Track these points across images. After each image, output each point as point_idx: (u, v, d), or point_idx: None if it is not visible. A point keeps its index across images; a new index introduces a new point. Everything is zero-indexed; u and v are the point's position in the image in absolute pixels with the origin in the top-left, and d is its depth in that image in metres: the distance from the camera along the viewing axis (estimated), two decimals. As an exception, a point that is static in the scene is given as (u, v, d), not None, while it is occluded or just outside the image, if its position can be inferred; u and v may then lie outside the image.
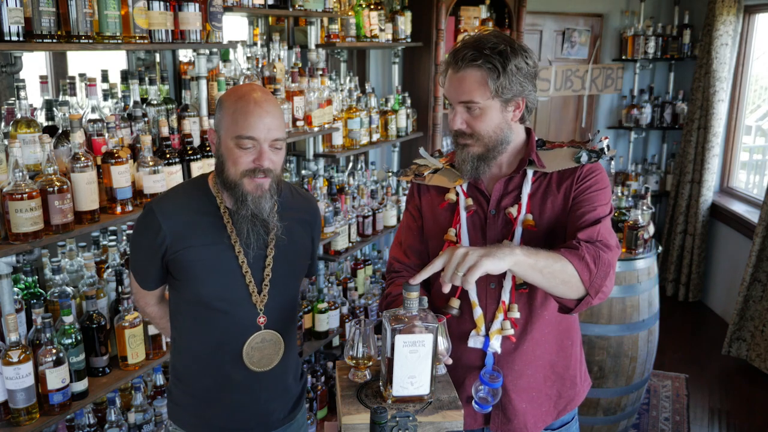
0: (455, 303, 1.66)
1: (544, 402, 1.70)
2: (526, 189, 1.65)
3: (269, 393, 1.75)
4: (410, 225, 1.82)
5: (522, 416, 1.67)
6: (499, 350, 1.64)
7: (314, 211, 1.86)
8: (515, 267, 1.42)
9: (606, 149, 1.68)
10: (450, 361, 1.52)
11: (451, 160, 1.78)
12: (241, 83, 2.85)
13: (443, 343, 1.48)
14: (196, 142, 2.45)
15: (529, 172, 1.66)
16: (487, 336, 1.64)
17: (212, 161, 2.45)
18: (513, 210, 1.64)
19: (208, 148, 2.45)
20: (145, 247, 1.65)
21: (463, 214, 1.69)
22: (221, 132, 1.58)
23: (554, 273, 1.45)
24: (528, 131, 1.72)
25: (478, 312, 1.64)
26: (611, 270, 1.52)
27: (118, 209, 2.09)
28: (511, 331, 1.63)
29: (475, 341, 1.65)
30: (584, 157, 1.64)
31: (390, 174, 4.23)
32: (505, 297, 1.63)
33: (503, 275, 1.63)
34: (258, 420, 1.75)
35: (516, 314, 1.63)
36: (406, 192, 4.15)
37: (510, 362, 1.66)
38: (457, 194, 1.71)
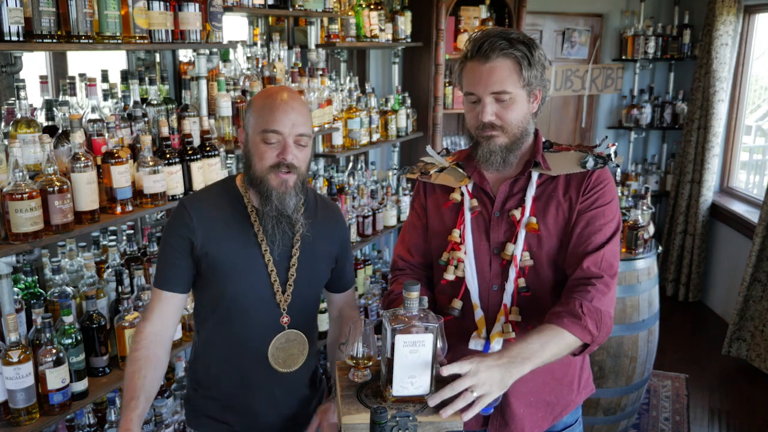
0: (457, 304, 1.66)
1: (542, 407, 1.69)
2: (531, 192, 1.63)
3: (292, 397, 1.76)
4: (415, 223, 1.81)
5: (520, 420, 1.66)
6: None
7: (339, 219, 1.86)
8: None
9: (613, 155, 1.67)
10: (445, 362, 1.51)
11: (459, 159, 1.76)
12: (241, 83, 2.85)
13: (438, 343, 1.48)
14: (196, 142, 2.45)
15: (534, 175, 1.64)
16: (488, 339, 1.62)
17: (212, 161, 2.46)
18: (516, 213, 1.63)
19: (208, 148, 2.45)
20: (177, 240, 1.64)
21: (468, 215, 1.67)
22: (249, 130, 1.63)
23: (560, 354, 1.50)
24: (535, 132, 1.70)
25: (479, 314, 1.63)
26: (612, 321, 1.55)
27: (118, 209, 2.09)
28: (512, 335, 1.60)
29: (476, 344, 1.63)
30: (590, 162, 1.62)
31: (395, 170, 4.23)
32: (507, 300, 1.62)
33: (506, 278, 1.63)
34: (281, 424, 1.76)
35: (517, 317, 1.61)
36: (406, 192, 4.16)
37: None
38: (462, 194, 1.70)
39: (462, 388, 1.34)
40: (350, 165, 4.10)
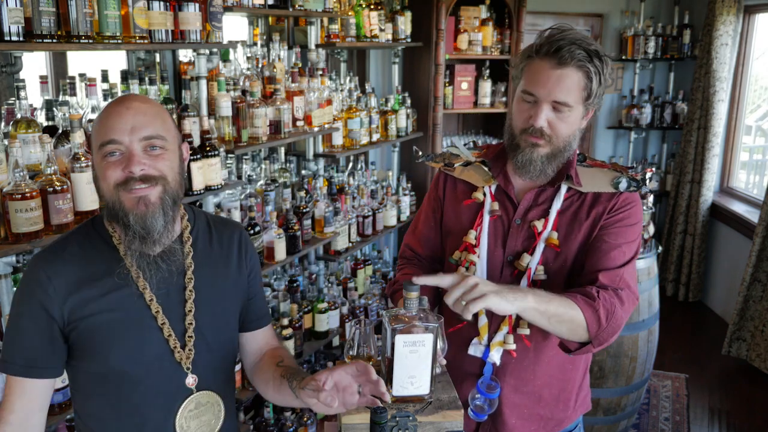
0: None
1: (535, 421, 1.67)
2: (557, 205, 1.58)
3: None
4: (428, 214, 1.76)
5: (510, 431, 1.65)
6: (498, 362, 1.60)
7: (242, 239, 1.53)
8: (523, 313, 1.40)
9: (647, 181, 1.64)
10: (444, 362, 1.50)
11: (486, 156, 1.69)
12: (241, 83, 2.85)
13: (438, 343, 1.48)
14: (196, 142, 2.45)
15: (563, 188, 1.59)
16: (488, 346, 1.60)
17: (212, 161, 2.46)
18: (539, 224, 1.57)
19: (208, 148, 2.45)
20: (33, 316, 1.30)
21: (486, 218, 1.62)
22: (93, 155, 1.34)
23: (562, 322, 1.44)
24: None
25: (482, 321, 1.61)
26: (621, 327, 1.49)
27: (118, 209, 2.09)
28: (512, 346, 1.58)
29: (475, 349, 1.61)
30: (623, 184, 1.56)
31: (419, 157, 4.23)
32: None
33: None
34: None
35: (526, 331, 1.58)
36: (406, 192, 4.16)
37: (507, 376, 1.62)
38: (485, 195, 1.64)
39: (470, 284, 1.34)
40: (350, 165, 4.10)
